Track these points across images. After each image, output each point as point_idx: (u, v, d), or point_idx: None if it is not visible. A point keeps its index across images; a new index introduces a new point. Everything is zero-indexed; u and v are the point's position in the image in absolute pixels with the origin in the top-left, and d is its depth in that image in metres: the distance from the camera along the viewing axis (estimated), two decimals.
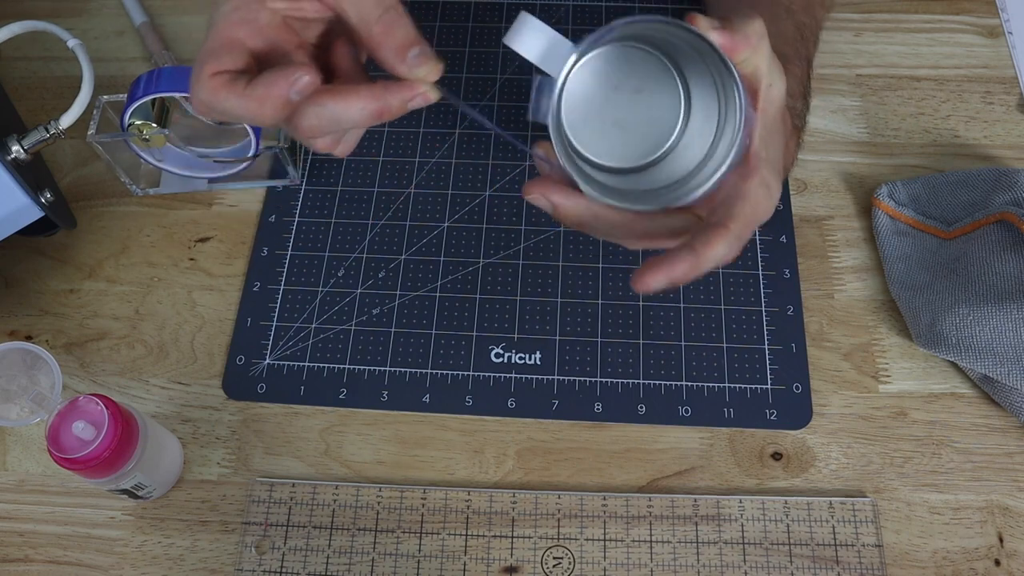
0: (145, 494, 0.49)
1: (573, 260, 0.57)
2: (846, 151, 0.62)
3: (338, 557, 0.49)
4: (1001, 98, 0.63)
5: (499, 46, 0.67)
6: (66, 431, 0.43)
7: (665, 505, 0.50)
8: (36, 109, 0.65)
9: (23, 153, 0.48)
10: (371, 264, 0.58)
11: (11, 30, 0.49)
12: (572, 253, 0.58)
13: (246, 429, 0.53)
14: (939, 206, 0.57)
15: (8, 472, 0.52)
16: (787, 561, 0.48)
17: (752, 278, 0.56)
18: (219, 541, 0.50)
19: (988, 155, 0.61)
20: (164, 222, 0.61)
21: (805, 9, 0.52)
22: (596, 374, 0.54)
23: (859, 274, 0.57)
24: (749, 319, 0.55)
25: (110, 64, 0.68)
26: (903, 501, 0.50)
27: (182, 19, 0.70)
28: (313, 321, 0.56)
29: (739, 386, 0.53)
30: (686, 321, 0.55)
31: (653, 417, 0.52)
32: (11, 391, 0.43)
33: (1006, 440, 0.51)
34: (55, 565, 0.49)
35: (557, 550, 0.49)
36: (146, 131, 0.55)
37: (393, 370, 0.54)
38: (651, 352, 0.54)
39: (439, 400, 0.53)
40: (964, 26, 0.67)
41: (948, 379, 0.53)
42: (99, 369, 0.55)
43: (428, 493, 0.50)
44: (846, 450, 0.51)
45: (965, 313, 0.50)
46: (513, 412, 0.53)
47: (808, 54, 0.51)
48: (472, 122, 0.63)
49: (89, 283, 0.58)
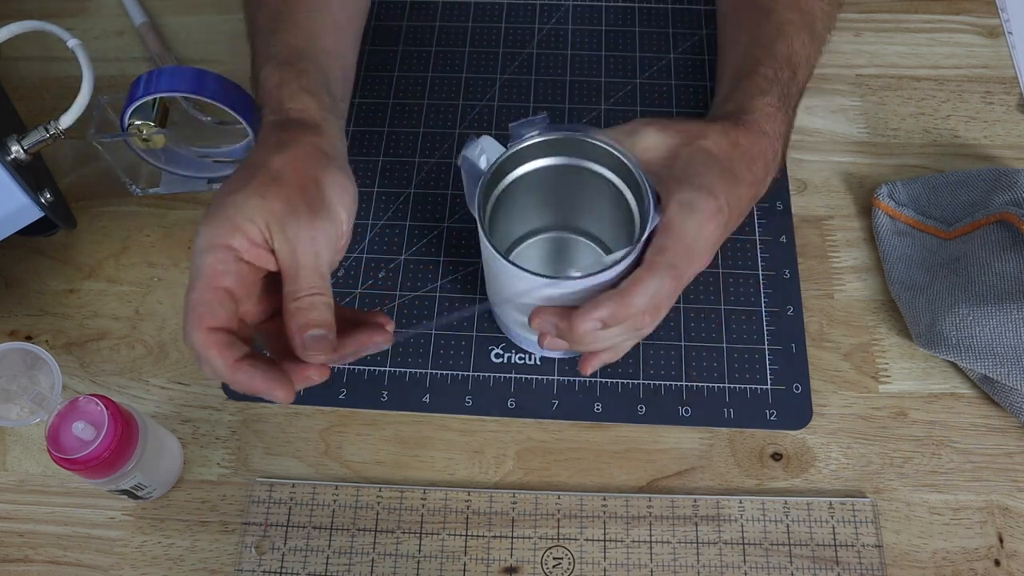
0: (145, 494, 0.49)
1: None
2: (846, 151, 0.62)
3: (338, 557, 0.49)
4: (1001, 98, 0.63)
5: (499, 46, 0.67)
6: (66, 431, 0.43)
7: (665, 505, 0.50)
8: (36, 109, 0.65)
9: (23, 153, 0.48)
10: (371, 264, 0.58)
11: (11, 30, 0.49)
12: None
13: (246, 429, 0.53)
14: (939, 206, 0.57)
15: (8, 472, 0.52)
16: (787, 561, 0.48)
17: (752, 278, 0.56)
18: (219, 541, 0.50)
19: (988, 155, 0.61)
20: (164, 222, 0.61)
21: (791, 7, 0.52)
22: (596, 374, 0.54)
23: (859, 274, 0.57)
24: (749, 319, 0.55)
25: (110, 64, 0.68)
26: (903, 501, 0.50)
27: (182, 19, 0.70)
28: None
29: (739, 386, 0.53)
30: (686, 321, 0.55)
31: (653, 417, 0.52)
32: (11, 391, 0.43)
33: (1006, 440, 0.51)
34: (55, 565, 0.49)
35: (557, 550, 0.49)
36: (146, 131, 0.55)
37: (393, 370, 0.54)
38: (651, 352, 0.54)
39: (439, 400, 0.53)
40: (964, 26, 0.67)
41: (948, 379, 0.53)
42: (99, 369, 0.55)
43: (428, 493, 0.50)
44: (846, 450, 0.51)
45: (965, 313, 0.50)
46: (513, 412, 0.53)
47: (790, 51, 0.51)
48: (472, 122, 0.63)
49: (89, 283, 0.58)
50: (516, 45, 0.66)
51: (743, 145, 0.45)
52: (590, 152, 0.46)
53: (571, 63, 0.65)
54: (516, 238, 0.55)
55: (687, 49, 0.66)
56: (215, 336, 0.38)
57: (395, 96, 0.65)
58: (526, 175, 0.47)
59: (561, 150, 0.46)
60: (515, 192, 0.48)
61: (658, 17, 0.67)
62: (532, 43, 0.66)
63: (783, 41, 0.51)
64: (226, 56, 0.67)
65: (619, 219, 0.48)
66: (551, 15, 0.68)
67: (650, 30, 0.67)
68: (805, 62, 0.52)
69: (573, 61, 0.65)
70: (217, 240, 0.39)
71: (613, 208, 0.47)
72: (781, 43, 0.51)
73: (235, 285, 0.39)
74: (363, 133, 0.63)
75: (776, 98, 0.48)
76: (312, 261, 0.39)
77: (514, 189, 0.47)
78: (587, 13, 0.68)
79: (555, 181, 0.48)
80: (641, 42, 0.66)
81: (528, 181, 0.47)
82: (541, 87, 0.64)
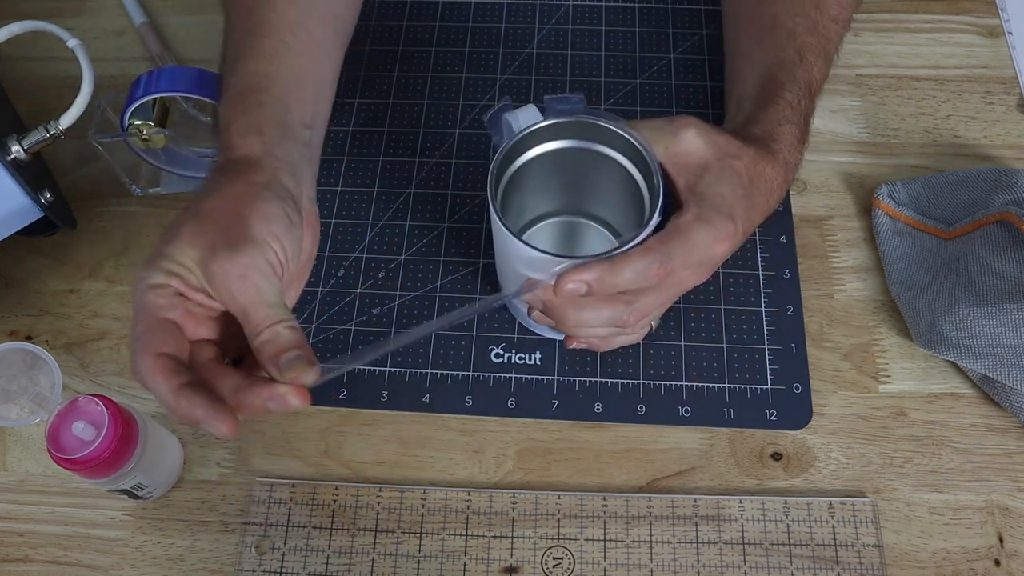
0: (145, 494, 0.49)
1: None
2: (846, 151, 0.62)
3: (338, 557, 0.49)
4: (1001, 98, 0.63)
5: (499, 46, 0.67)
6: (66, 431, 0.43)
7: (665, 505, 0.50)
8: (36, 109, 0.65)
9: (23, 153, 0.48)
10: (371, 264, 0.58)
11: (11, 30, 0.49)
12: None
13: (246, 429, 0.53)
14: (939, 206, 0.57)
15: (8, 472, 0.52)
16: (787, 561, 0.48)
17: (752, 278, 0.56)
18: (219, 541, 0.50)
19: (988, 155, 0.61)
20: (164, 222, 0.60)
21: (811, 30, 0.52)
22: (596, 374, 0.54)
23: (859, 274, 0.57)
24: (749, 319, 0.55)
25: (110, 64, 0.68)
26: (903, 501, 0.50)
27: (182, 19, 0.70)
28: (313, 321, 0.56)
29: (739, 386, 0.53)
30: (686, 321, 0.55)
31: (653, 417, 0.52)
32: (11, 391, 0.43)
33: (1006, 440, 0.51)
34: (55, 565, 0.49)
35: (557, 550, 0.49)
36: (146, 131, 0.55)
37: (393, 370, 0.54)
38: (651, 352, 0.54)
39: (439, 400, 0.53)
40: (964, 26, 0.67)
41: (948, 379, 0.53)
42: (99, 369, 0.55)
43: (428, 493, 0.50)
44: (846, 450, 0.51)
45: (965, 313, 0.50)
46: (513, 412, 0.53)
47: (810, 77, 0.51)
48: (472, 122, 0.63)
49: (89, 283, 0.58)
50: (516, 45, 0.66)
51: (768, 176, 0.46)
52: (603, 136, 0.46)
53: (571, 63, 0.65)
54: (528, 221, 0.55)
55: (687, 49, 0.66)
56: (160, 361, 0.37)
57: (395, 96, 0.64)
58: (538, 157, 0.47)
59: (574, 133, 0.46)
60: (527, 174, 0.48)
61: (658, 17, 0.67)
62: (532, 43, 0.66)
63: (804, 66, 0.51)
64: None
65: (629, 204, 0.48)
66: (551, 15, 0.68)
67: (650, 30, 0.67)
68: (819, 89, 0.52)
69: (573, 61, 0.65)
70: (154, 281, 0.39)
71: (624, 193, 0.48)
72: (802, 68, 0.51)
73: (181, 319, 0.39)
74: (363, 133, 0.63)
75: (798, 128, 0.49)
76: (254, 296, 0.38)
77: (526, 171, 0.47)
78: (587, 13, 0.68)
79: (567, 164, 0.48)
80: (641, 42, 0.66)
81: (540, 163, 0.47)
82: (541, 87, 0.64)
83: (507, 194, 0.47)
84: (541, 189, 0.51)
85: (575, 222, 0.55)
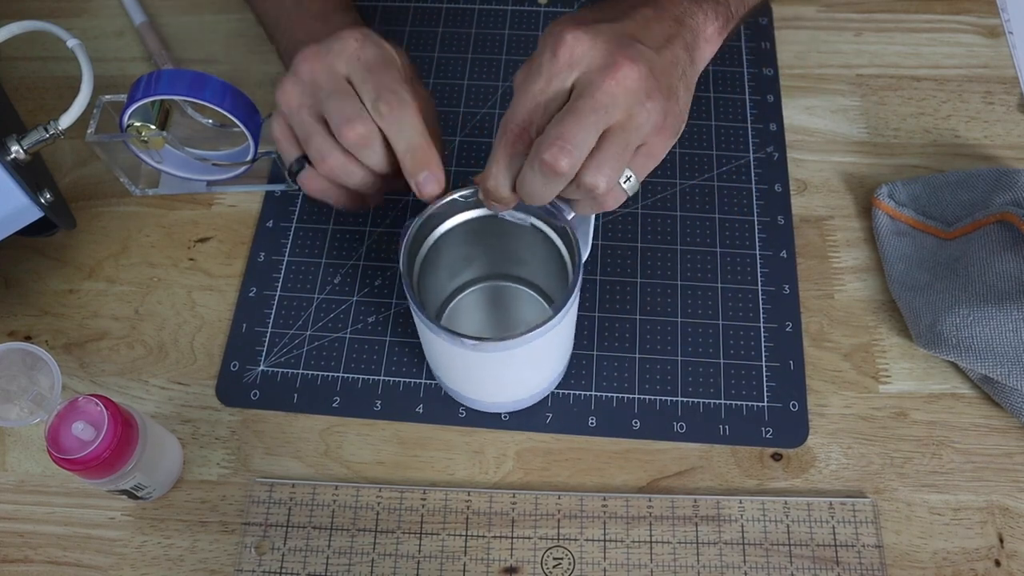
0: (145, 495, 0.49)
1: None
2: (846, 151, 0.62)
3: (338, 558, 0.49)
4: (1001, 98, 0.63)
5: (501, 53, 0.67)
6: (66, 432, 0.43)
7: (665, 506, 0.50)
8: (36, 109, 0.65)
9: (23, 153, 0.48)
10: (367, 272, 0.58)
11: (11, 30, 0.49)
12: None
13: (246, 430, 0.53)
14: (939, 206, 0.57)
15: (8, 472, 0.52)
16: (787, 562, 0.48)
17: (751, 294, 0.56)
18: (219, 542, 0.50)
19: (988, 155, 0.61)
20: (164, 222, 0.61)
21: None
22: (591, 388, 0.53)
23: (859, 274, 0.57)
24: (747, 335, 0.54)
25: (110, 64, 0.68)
26: (903, 502, 0.50)
27: (182, 19, 0.70)
28: (308, 328, 0.56)
29: (735, 403, 0.52)
30: (683, 336, 0.55)
31: (647, 432, 0.52)
32: (11, 391, 0.43)
33: (1006, 440, 0.51)
34: (55, 566, 0.49)
35: (557, 551, 0.49)
36: (144, 133, 0.55)
37: (387, 379, 0.54)
38: (647, 366, 0.54)
39: (432, 411, 0.53)
40: (964, 26, 0.67)
41: (948, 379, 0.53)
42: (99, 369, 0.55)
43: (428, 494, 0.50)
44: (846, 450, 0.51)
45: (965, 313, 0.50)
46: (507, 425, 0.52)
47: None
48: (471, 130, 0.63)
49: (89, 283, 0.58)
50: (519, 52, 0.66)
51: (648, 15, 0.42)
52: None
53: None
54: (452, 290, 0.55)
55: None
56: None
57: None
58: (452, 230, 0.47)
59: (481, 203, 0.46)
60: (444, 247, 0.48)
61: None
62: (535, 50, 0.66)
63: None
64: (225, 56, 0.67)
65: (549, 259, 0.47)
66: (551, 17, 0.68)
67: None
68: None
69: None
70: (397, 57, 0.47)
71: (542, 251, 0.48)
72: None
73: None
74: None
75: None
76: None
77: (442, 245, 0.48)
78: None
79: (482, 232, 0.48)
80: None
81: (455, 235, 0.48)
82: None
83: (426, 269, 0.48)
84: (461, 258, 0.51)
85: (502, 286, 0.55)
